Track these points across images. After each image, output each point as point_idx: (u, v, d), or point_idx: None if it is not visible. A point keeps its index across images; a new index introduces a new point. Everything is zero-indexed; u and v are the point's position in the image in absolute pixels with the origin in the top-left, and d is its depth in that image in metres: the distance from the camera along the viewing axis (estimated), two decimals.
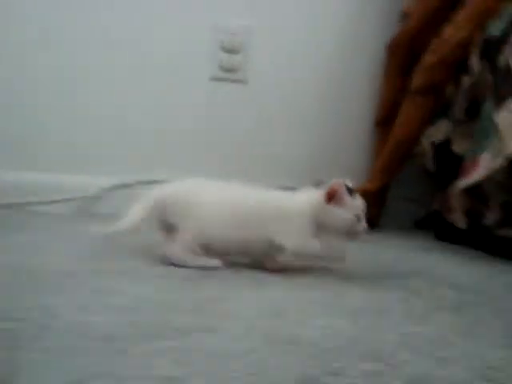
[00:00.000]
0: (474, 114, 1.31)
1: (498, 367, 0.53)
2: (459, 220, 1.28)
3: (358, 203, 0.86)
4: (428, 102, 1.39)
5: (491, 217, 1.21)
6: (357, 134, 1.61)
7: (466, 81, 1.36)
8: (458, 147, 1.36)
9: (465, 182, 1.20)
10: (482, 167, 1.16)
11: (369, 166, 1.57)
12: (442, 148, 1.41)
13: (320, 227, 0.85)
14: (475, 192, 1.20)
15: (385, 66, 1.58)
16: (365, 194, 1.43)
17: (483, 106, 1.26)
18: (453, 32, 1.36)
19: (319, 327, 0.61)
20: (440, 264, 1.10)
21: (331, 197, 0.84)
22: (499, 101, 1.19)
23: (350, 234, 0.86)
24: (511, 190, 1.17)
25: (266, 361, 0.50)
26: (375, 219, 1.46)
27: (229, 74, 1.50)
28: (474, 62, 1.34)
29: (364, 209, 0.87)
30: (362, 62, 1.61)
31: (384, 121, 1.53)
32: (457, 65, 1.38)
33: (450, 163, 1.36)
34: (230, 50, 1.48)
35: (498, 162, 1.11)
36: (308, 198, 0.86)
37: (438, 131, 1.43)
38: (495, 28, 1.32)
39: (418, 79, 1.41)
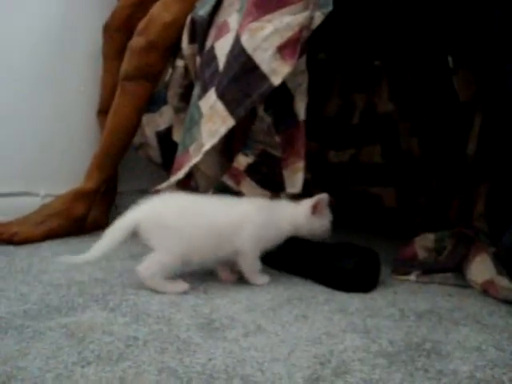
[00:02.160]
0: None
1: None
2: None
3: (328, 211, 1.00)
4: (139, 88, 1.27)
5: None
6: (80, 125, 1.44)
7: (180, 65, 1.27)
8: (178, 136, 1.27)
9: (173, 178, 1.09)
10: (188, 163, 1.07)
11: None
12: (166, 137, 1.32)
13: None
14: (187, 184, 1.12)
15: (103, 48, 1.42)
16: (83, 195, 1.30)
17: (193, 92, 1.18)
18: (160, 12, 1.26)
19: None
20: None
21: (316, 209, 0.97)
22: (204, 87, 1.12)
23: (323, 236, 1.00)
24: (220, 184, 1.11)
25: None
26: (101, 219, 1.32)
27: None
28: (185, 44, 1.25)
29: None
30: (80, 45, 1.44)
31: (106, 109, 1.35)
32: (170, 47, 1.28)
33: (174, 153, 1.26)
34: None
35: (198, 158, 1.03)
36: (292, 210, 0.98)
37: (161, 119, 1.32)
38: (203, 9, 1.24)
39: (126, 64, 1.27)
